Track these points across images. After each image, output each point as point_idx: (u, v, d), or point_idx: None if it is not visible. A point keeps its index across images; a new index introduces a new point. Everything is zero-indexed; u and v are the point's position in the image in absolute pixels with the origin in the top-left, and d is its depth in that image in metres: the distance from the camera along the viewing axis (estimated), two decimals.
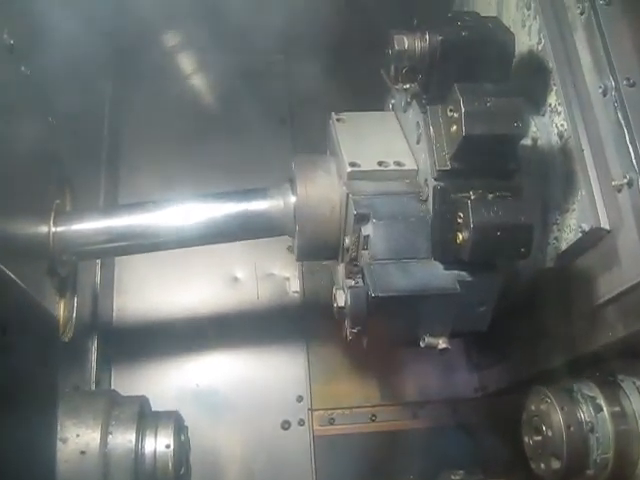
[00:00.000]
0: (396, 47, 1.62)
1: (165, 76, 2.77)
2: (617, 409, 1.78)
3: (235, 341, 2.46)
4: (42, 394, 1.31)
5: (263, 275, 2.56)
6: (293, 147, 2.71)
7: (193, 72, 2.80)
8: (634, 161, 1.53)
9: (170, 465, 1.60)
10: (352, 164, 1.73)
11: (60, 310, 1.87)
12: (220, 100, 2.77)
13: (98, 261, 2.31)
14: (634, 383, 1.80)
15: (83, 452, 1.50)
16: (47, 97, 1.85)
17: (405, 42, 1.62)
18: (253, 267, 2.56)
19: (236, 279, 2.55)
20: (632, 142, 1.55)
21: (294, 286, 2.57)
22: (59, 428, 1.50)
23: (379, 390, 2.54)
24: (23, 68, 1.68)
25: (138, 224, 1.83)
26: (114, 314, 2.45)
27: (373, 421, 2.49)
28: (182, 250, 1.95)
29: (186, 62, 2.80)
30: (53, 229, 1.79)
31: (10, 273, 1.18)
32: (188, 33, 2.76)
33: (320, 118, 2.00)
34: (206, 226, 1.83)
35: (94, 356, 2.18)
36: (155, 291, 2.49)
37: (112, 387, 2.32)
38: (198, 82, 2.80)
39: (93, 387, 2.13)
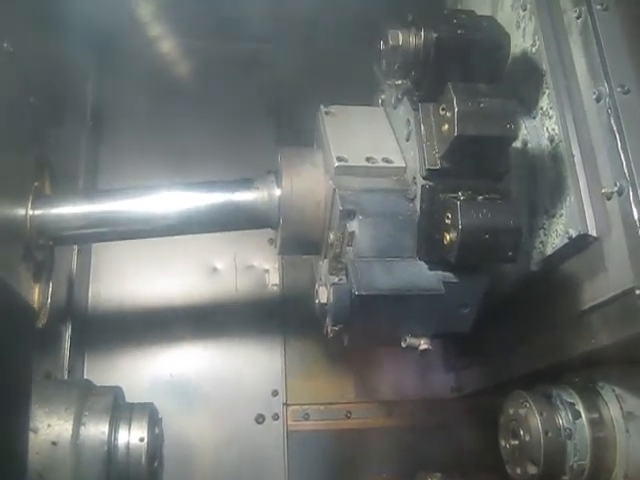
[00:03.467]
0: (390, 42, 1.61)
1: (151, 62, 2.72)
2: (595, 416, 1.78)
3: (212, 333, 2.43)
4: (15, 383, 1.27)
5: (243, 267, 2.53)
6: (279, 139, 2.67)
7: (179, 59, 2.75)
8: (625, 169, 1.52)
9: (143, 458, 1.56)
10: (340, 158, 1.71)
11: (35, 295, 1.82)
12: (206, 89, 2.72)
13: (75, 247, 2.26)
14: (613, 390, 1.80)
15: (54, 443, 1.47)
16: (30, 76, 1.80)
17: (400, 38, 1.60)
18: (233, 258, 2.53)
19: (215, 270, 2.52)
20: (624, 150, 1.53)
21: (274, 279, 2.54)
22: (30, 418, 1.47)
23: (355, 387, 2.52)
24: (5, 45, 1.63)
25: (118, 210, 1.79)
26: (89, 301, 2.41)
27: (348, 418, 2.48)
28: (161, 239, 1.91)
29: (172, 49, 2.75)
30: (31, 212, 1.74)
31: None
32: (175, 19, 2.71)
33: (307, 110, 1.97)
34: (188, 215, 1.79)
35: (67, 344, 2.13)
36: (132, 280, 2.45)
37: (85, 375, 2.28)
38: (184, 70, 2.75)
39: (66, 375, 2.08)
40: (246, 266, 2.53)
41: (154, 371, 2.37)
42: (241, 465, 2.33)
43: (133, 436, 1.58)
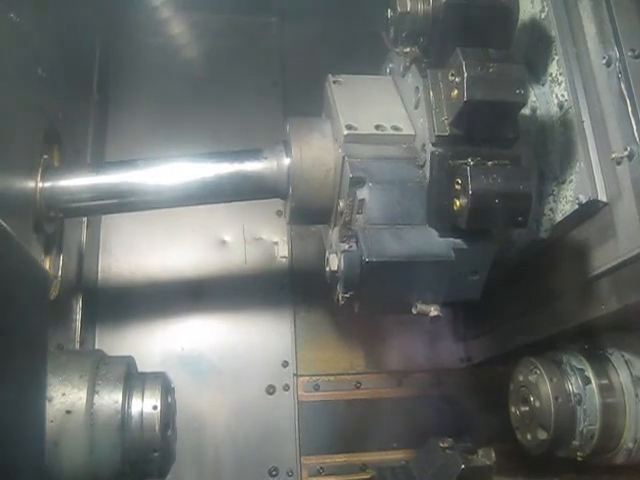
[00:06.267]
0: (398, 9, 1.59)
1: (157, 35, 2.70)
2: (605, 382, 1.80)
3: (222, 305, 2.44)
4: (32, 350, 1.27)
5: (251, 239, 2.54)
6: (284, 110, 2.66)
7: (186, 32, 2.73)
8: (636, 134, 1.52)
9: (157, 426, 1.57)
10: (349, 127, 1.70)
11: (46, 268, 1.83)
12: (212, 60, 2.70)
13: (84, 220, 2.26)
14: (623, 356, 1.81)
15: (69, 411, 1.47)
16: (37, 48, 1.79)
17: (408, 4, 1.58)
18: (241, 230, 2.53)
19: (224, 242, 2.52)
20: (634, 114, 1.53)
21: (282, 251, 2.54)
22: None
23: (364, 358, 2.54)
24: (12, 15, 1.62)
25: (127, 182, 1.79)
26: (99, 274, 2.42)
27: (358, 388, 2.49)
28: (170, 211, 1.92)
29: (179, 21, 2.73)
30: (40, 184, 1.75)
31: (4, 223, 1.13)
32: None
33: (313, 82, 1.96)
34: (197, 186, 1.79)
35: (79, 316, 2.14)
36: (141, 252, 2.46)
37: (96, 348, 2.29)
38: (190, 41, 2.73)
39: (77, 347, 2.10)
40: (255, 238, 2.54)
41: (165, 344, 2.38)
42: (252, 436, 2.34)
43: (146, 404, 1.59)
